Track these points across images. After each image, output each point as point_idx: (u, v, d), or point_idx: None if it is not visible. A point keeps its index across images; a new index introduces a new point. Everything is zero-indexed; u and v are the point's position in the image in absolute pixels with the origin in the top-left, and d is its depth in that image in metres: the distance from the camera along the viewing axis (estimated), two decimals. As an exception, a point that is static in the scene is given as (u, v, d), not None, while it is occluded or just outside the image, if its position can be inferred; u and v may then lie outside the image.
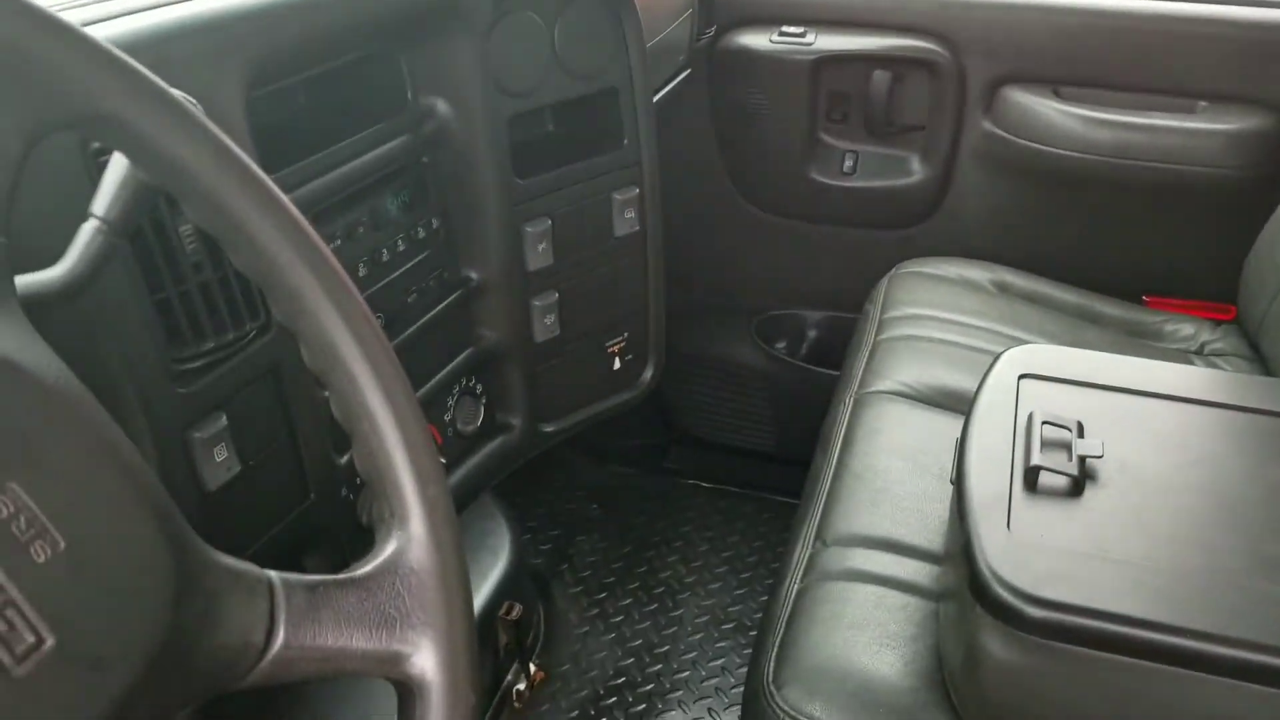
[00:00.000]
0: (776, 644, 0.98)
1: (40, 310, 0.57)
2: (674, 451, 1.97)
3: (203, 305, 0.72)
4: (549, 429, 1.18)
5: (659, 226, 1.19)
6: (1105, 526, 0.87)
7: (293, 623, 0.45)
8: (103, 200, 0.56)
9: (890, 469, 1.18)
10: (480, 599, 1.35)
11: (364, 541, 0.94)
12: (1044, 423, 0.96)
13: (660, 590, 1.70)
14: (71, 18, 0.44)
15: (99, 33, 0.51)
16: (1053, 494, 0.90)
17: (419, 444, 0.51)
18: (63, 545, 0.39)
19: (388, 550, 0.49)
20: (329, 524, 0.89)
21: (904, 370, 1.35)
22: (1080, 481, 0.90)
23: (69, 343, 0.47)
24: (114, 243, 0.56)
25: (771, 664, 0.95)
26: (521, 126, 1.06)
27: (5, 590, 0.37)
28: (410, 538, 0.49)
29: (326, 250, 0.50)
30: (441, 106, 0.99)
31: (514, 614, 1.41)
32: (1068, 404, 1.00)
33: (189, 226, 0.71)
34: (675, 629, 1.63)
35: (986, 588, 0.82)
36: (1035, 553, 0.84)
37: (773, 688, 0.93)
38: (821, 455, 1.26)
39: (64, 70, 0.43)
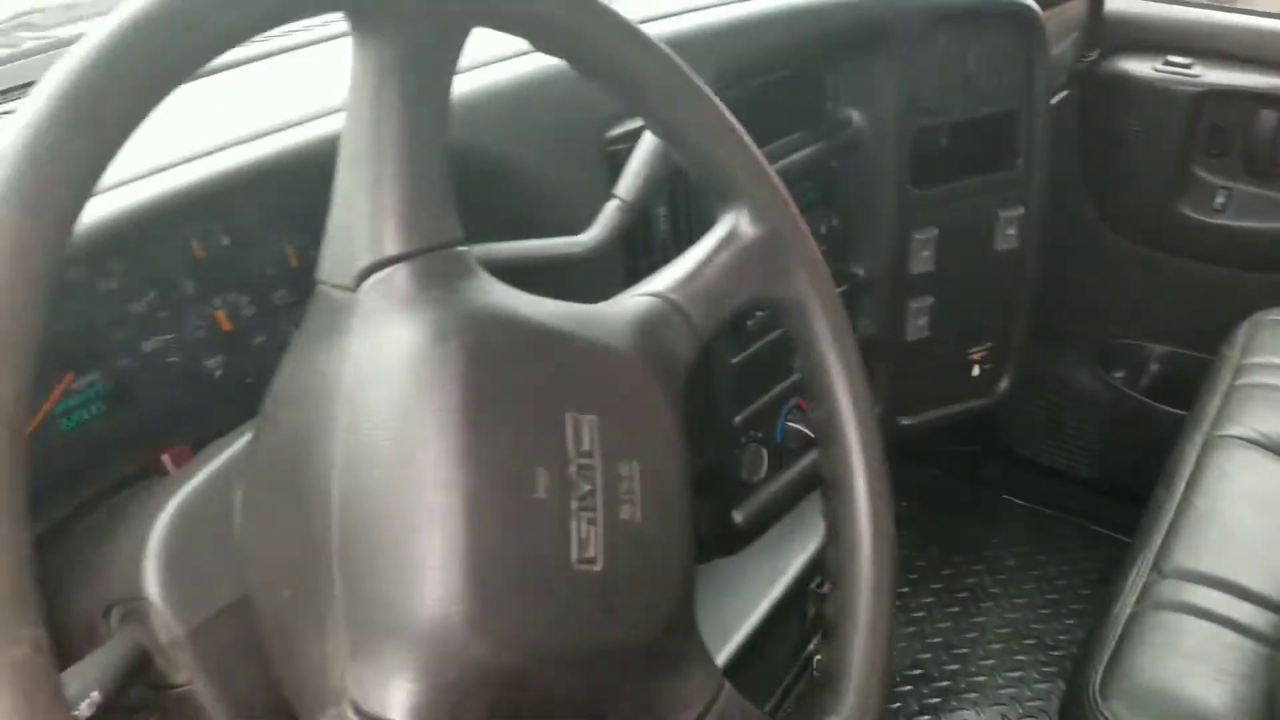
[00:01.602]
0: (1105, 660, 1.02)
1: (565, 268, 0.73)
2: (992, 463, 1.99)
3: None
4: (906, 422, 1.26)
5: (1036, 246, 1.25)
6: None
7: None
8: (624, 185, 0.71)
9: (1238, 514, 1.18)
10: (795, 568, 1.45)
11: (744, 493, 1.06)
12: None
13: (964, 595, 1.74)
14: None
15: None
16: None
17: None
18: (638, 519, 0.50)
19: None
20: (718, 473, 1.01)
21: (1261, 419, 1.32)
22: None
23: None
24: (629, 218, 0.70)
25: (1098, 677, 0.99)
26: (924, 140, 1.14)
27: (596, 515, 0.48)
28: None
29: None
30: (856, 117, 1.10)
31: (825, 588, 1.50)
32: None
33: (664, 209, 0.85)
34: (975, 634, 1.67)
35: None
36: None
37: (1098, 698, 0.97)
38: (1164, 490, 1.27)
39: (795, 266, 0.61)
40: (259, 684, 0.53)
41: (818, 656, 1.47)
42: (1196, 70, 1.69)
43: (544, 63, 0.80)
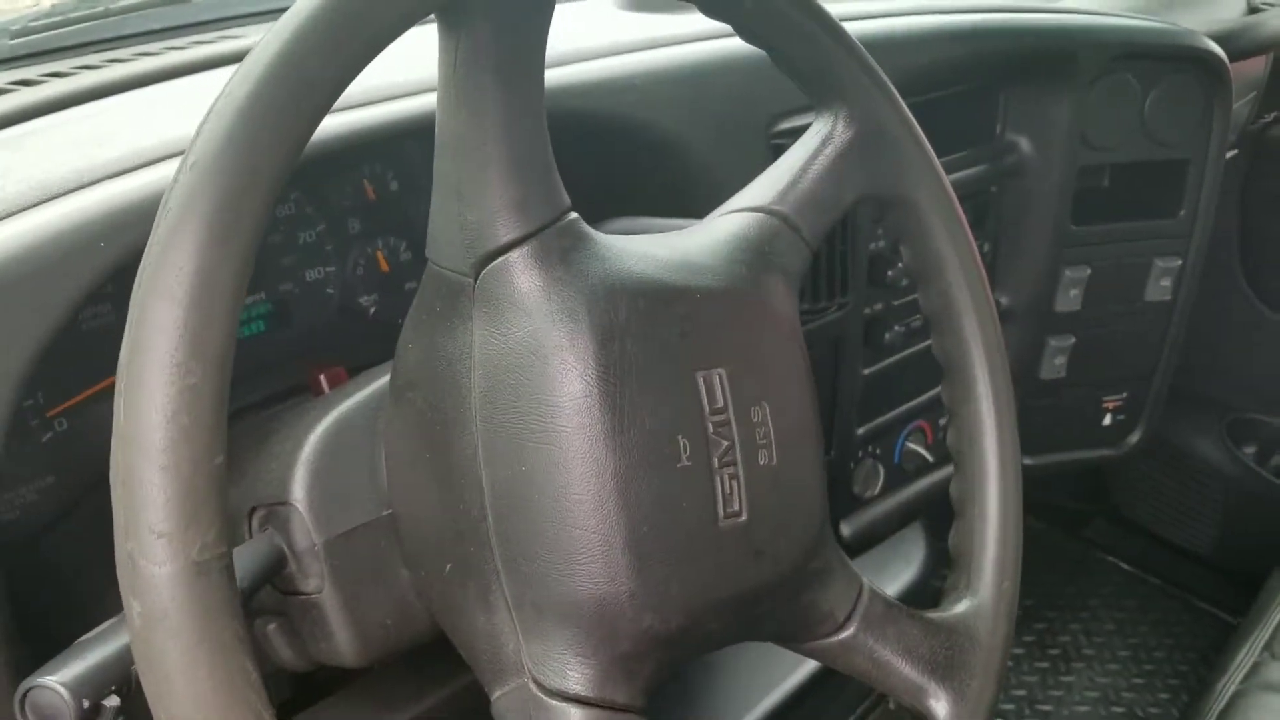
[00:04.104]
0: None
1: None
2: (1099, 523, 1.92)
3: (809, 274, 0.85)
4: (1028, 462, 1.23)
5: (1190, 301, 1.20)
6: None
7: (866, 622, 0.55)
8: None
9: (1366, 607, 1.12)
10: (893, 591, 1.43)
11: (853, 507, 1.05)
12: None
13: (1055, 653, 1.69)
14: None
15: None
16: None
17: (1012, 543, 0.62)
18: (775, 461, 0.51)
19: (958, 609, 0.60)
20: (833, 482, 1.00)
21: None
22: None
23: None
24: None
25: None
26: (1087, 176, 1.11)
27: (737, 468, 0.49)
28: (978, 613, 0.60)
29: (1005, 361, 0.63)
30: (1024, 144, 1.07)
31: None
32: None
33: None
34: (1062, 694, 1.62)
35: None
36: None
37: None
38: None
39: (902, 159, 0.58)
40: (383, 603, 0.54)
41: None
42: (1384, 141, 1.61)
43: (722, 49, 0.80)
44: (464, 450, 0.48)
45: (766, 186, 0.57)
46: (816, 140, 0.58)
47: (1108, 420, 1.25)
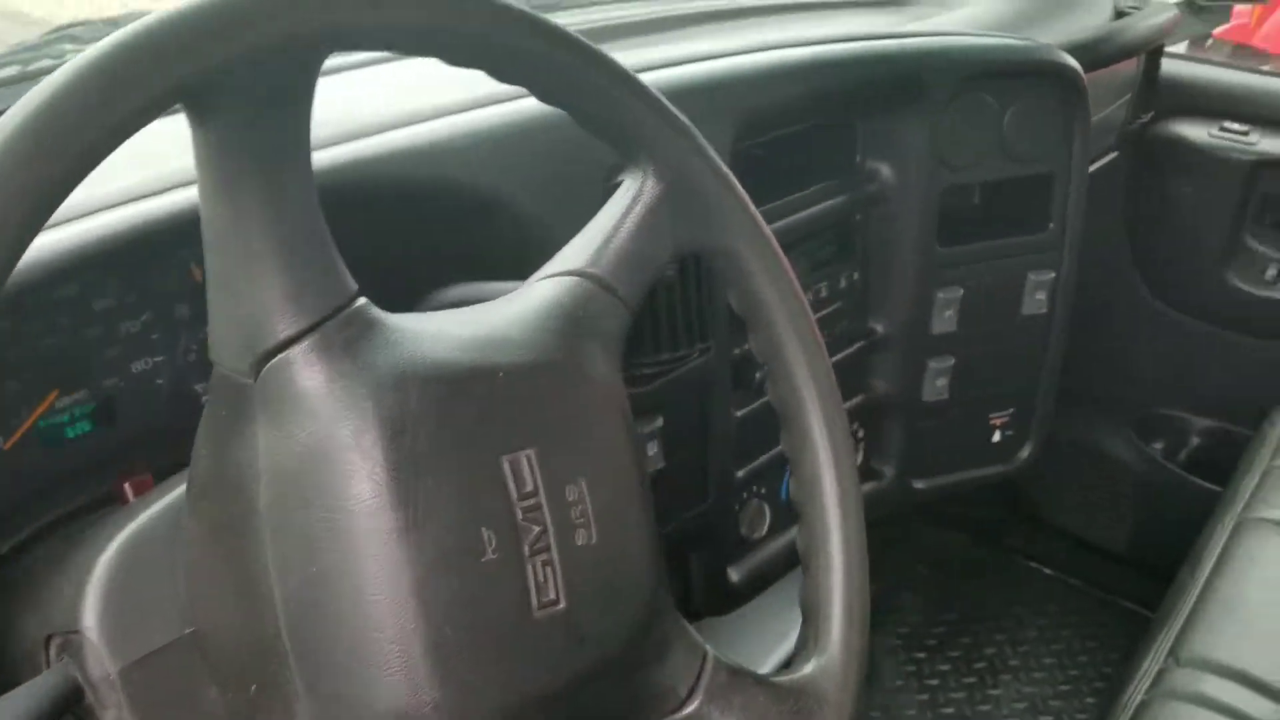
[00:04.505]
0: None
1: None
2: (1017, 529, 1.93)
3: (665, 324, 0.84)
4: (919, 485, 1.22)
5: (1067, 312, 1.21)
6: None
7: (710, 694, 0.54)
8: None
9: (1265, 603, 1.13)
10: (797, 633, 1.42)
11: (741, 551, 1.04)
12: None
13: (981, 665, 1.69)
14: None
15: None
16: None
17: (857, 594, 0.60)
18: (594, 539, 0.49)
19: (806, 670, 0.58)
20: (716, 527, 0.99)
21: (1299, 503, 1.27)
22: None
23: None
24: None
25: None
26: (951, 197, 1.11)
27: (552, 554, 0.47)
28: (826, 672, 0.58)
29: (841, 406, 0.61)
30: (884, 171, 1.07)
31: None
32: None
33: (668, 253, 0.83)
34: (990, 708, 1.61)
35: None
36: None
37: None
38: (1188, 572, 1.22)
39: (715, 210, 0.57)
40: None
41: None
42: (1254, 138, 1.64)
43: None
44: (256, 562, 0.45)
45: (580, 249, 0.55)
46: (627, 198, 0.56)
47: (997, 437, 1.25)
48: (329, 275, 0.45)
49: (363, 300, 0.46)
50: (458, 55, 0.50)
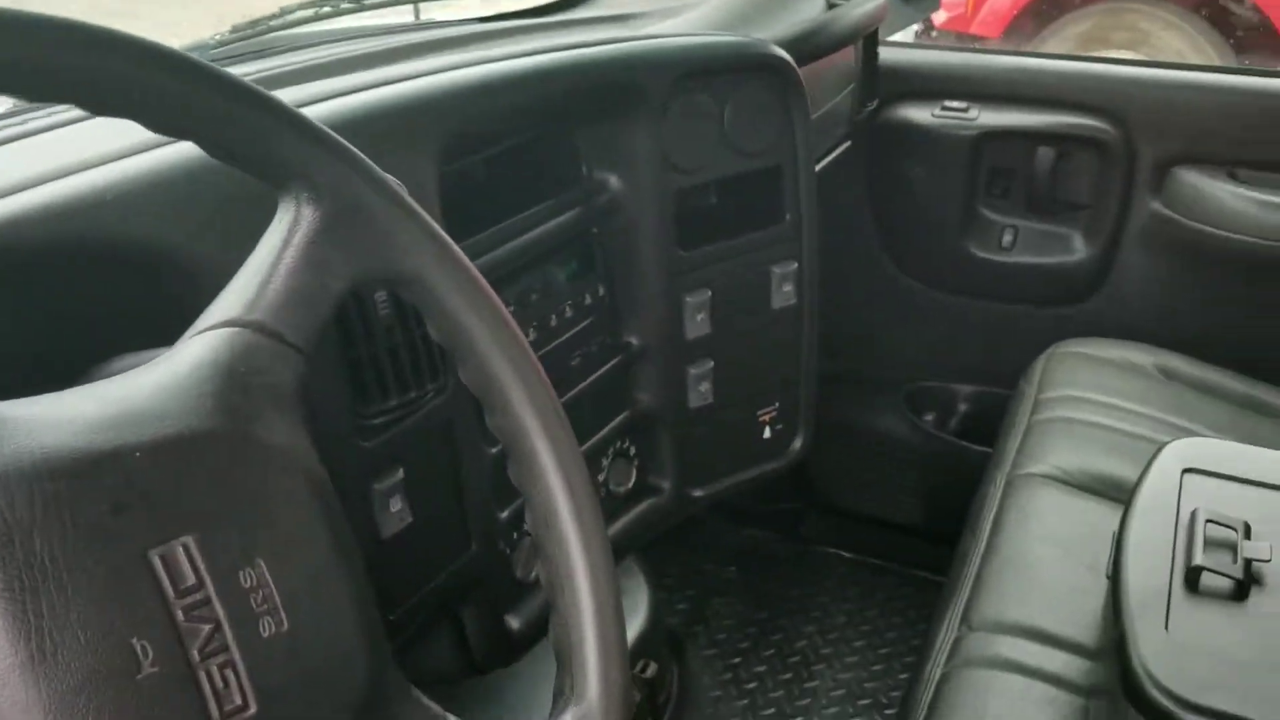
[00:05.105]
0: None
1: None
2: (812, 519, 1.96)
3: (390, 366, 0.77)
4: (698, 494, 1.20)
5: (816, 300, 1.21)
6: (1272, 634, 0.83)
7: None
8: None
9: (1042, 557, 1.16)
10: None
11: (517, 594, 0.98)
12: (1208, 521, 0.93)
13: (795, 660, 1.69)
14: (284, 98, 0.49)
15: (311, 114, 0.58)
16: (1215, 596, 0.88)
17: (611, 626, 0.56)
18: (285, 627, 0.43)
19: None
20: (487, 574, 0.93)
21: (1060, 454, 1.32)
22: (1245, 585, 0.87)
23: None
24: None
25: None
26: (687, 200, 1.10)
27: (230, 653, 0.41)
28: (585, 717, 0.53)
29: (569, 431, 0.57)
30: (613, 181, 1.04)
31: (649, 672, 1.43)
32: (1233, 502, 0.97)
33: (384, 293, 0.76)
34: (809, 701, 1.61)
35: (1141, 689, 0.80)
36: (1195, 656, 0.82)
37: None
38: (970, 537, 1.24)
39: (390, 233, 0.51)
40: None
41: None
42: (973, 113, 1.72)
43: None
44: None
45: (234, 296, 0.48)
46: (282, 230, 0.50)
47: (767, 433, 1.24)
48: None
49: None
50: (44, 92, 0.43)
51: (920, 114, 1.74)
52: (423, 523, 0.82)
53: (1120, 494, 1.10)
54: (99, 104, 0.44)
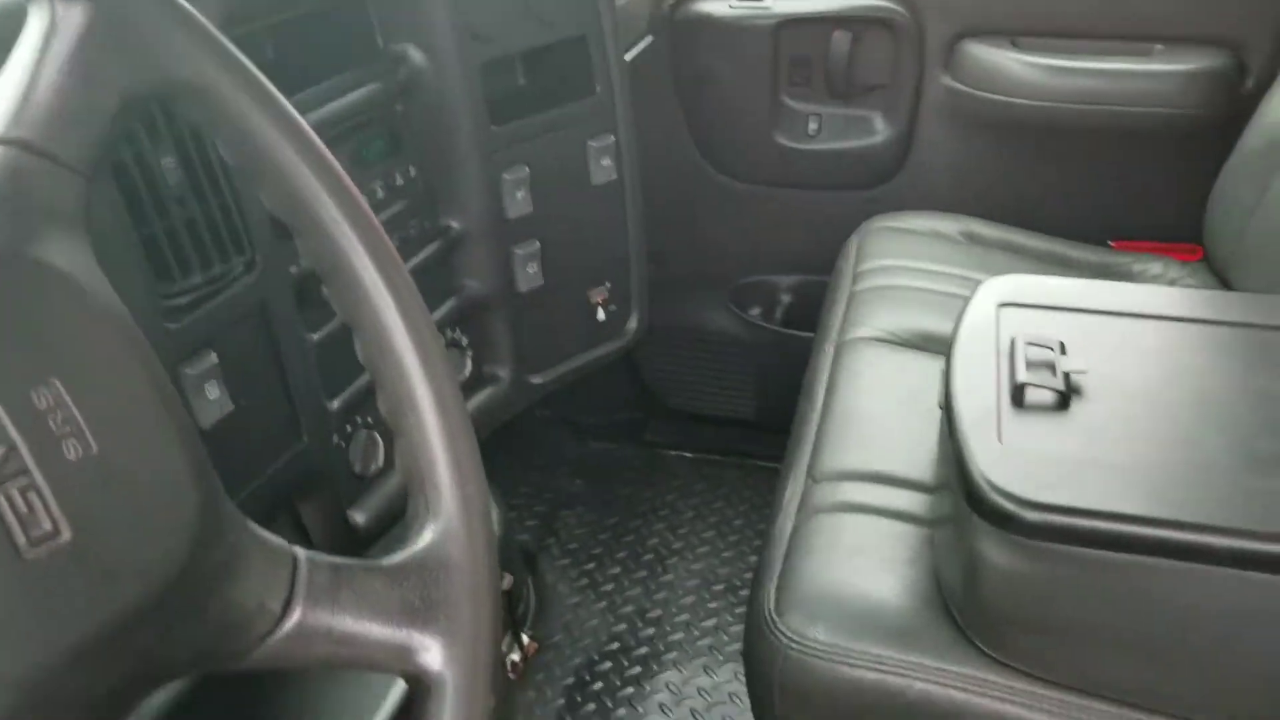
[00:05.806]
0: (775, 579, 0.98)
1: None
2: (654, 425, 1.97)
3: (188, 240, 0.71)
4: (537, 380, 1.17)
5: (636, 176, 1.20)
6: (1095, 435, 0.88)
7: (312, 599, 0.44)
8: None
9: (876, 409, 1.19)
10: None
11: (360, 489, 0.93)
12: (1028, 344, 0.97)
13: (649, 558, 1.70)
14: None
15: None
16: (1041, 409, 0.91)
17: (462, 441, 0.51)
18: (95, 450, 0.38)
19: (421, 543, 0.49)
20: (323, 469, 0.88)
21: (882, 317, 1.36)
22: (1066, 396, 0.91)
23: None
24: None
25: (772, 595, 0.96)
26: (495, 75, 1.05)
27: (31, 475, 0.36)
28: (444, 533, 0.49)
29: (390, 245, 0.52)
30: (413, 53, 0.99)
31: (504, 584, 1.40)
32: (1049, 327, 1.01)
33: (171, 159, 0.70)
34: (666, 594, 1.63)
35: (983, 497, 0.83)
36: (1028, 461, 0.85)
37: (774, 615, 0.93)
38: (806, 401, 1.27)
39: (164, 38, 0.46)
40: None
41: (512, 657, 1.36)
42: (768, 2, 1.73)
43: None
44: None
45: None
46: (37, 37, 0.44)
47: (601, 315, 1.23)
48: None
49: None
50: None
51: (717, 6, 1.74)
52: (245, 412, 0.77)
53: (941, 347, 1.13)
54: None
